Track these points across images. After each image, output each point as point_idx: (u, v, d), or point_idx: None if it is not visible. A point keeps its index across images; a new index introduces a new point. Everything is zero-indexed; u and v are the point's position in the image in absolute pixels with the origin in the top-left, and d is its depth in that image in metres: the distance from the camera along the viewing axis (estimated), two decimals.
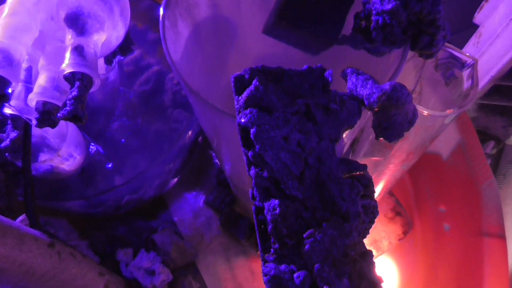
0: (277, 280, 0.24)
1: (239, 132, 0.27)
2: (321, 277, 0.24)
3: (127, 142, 0.66)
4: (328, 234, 0.24)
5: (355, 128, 0.46)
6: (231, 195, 0.73)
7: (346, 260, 0.24)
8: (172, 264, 0.69)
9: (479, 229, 0.63)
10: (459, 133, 0.70)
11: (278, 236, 0.25)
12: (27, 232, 0.46)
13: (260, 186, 0.26)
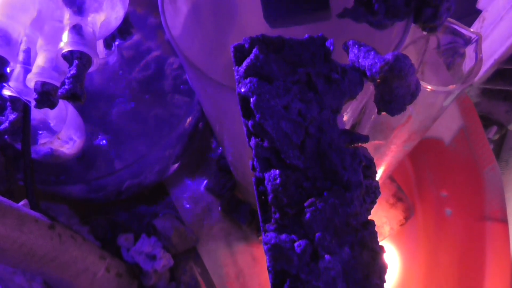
0: (278, 249, 0.23)
1: (239, 102, 0.26)
2: (322, 246, 0.23)
3: (127, 127, 0.66)
4: (329, 202, 0.24)
5: (357, 108, 0.46)
6: (232, 180, 0.73)
7: (348, 229, 0.24)
8: (173, 249, 0.69)
9: (481, 213, 0.63)
10: (461, 117, 0.70)
11: (279, 205, 0.25)
12: (27, 213, 0.46)
13: (261, 157, 0.26)
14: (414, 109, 0.41)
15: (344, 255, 0.23)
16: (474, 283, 0.64)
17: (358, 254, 0.23)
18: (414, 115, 0.42)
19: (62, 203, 0.70)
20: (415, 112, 0.41)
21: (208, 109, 0.44)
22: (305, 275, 0.23)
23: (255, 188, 0.26)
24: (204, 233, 0.73)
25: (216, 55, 0.43)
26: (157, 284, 0.69)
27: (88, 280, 0.55)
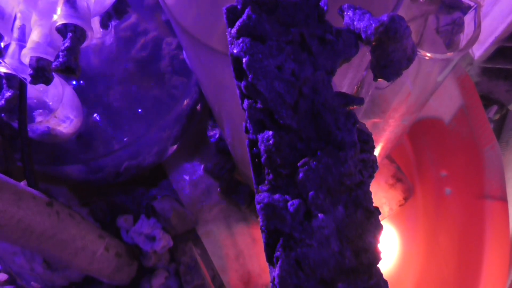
0: (271, 208, 0.23)
1: (231, 63, 0.26)
2: (316, 204, 0.23)
3: (125, 108, 0.66)
4: (322, 162, 0.24)
5: (351, 83, 0.45)
6: (231, 162, 0.73)
7: (342, 188, 0.24)
8: (173, 231, 0.69)
9: (481, 192, 0.63)
10: (461, 97, 0.69)
11: (272, 166, 0.24)
12: (25, 189, 0.46)
13: (254, 118, 0.25)
14: (413, 81, 0.40)
15: (337, 214, 0.23)
16: (473, 261, 0.64)
17: (352, 213, 0.23)
18: (413, 88, 0.41)
19: (61, 185, 0.70)
20: (414, 84, 0.41)
21: (204, 82, 0.44)
22: (299, 234, 0.23)
23: (248, 151, 0.26)
24: (204, 215, 0.73)
25: (210, 23, 0.42)
26: (156, 265, 0.69)
27: (87, 259, 0.55)
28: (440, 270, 0.69)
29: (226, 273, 0.70)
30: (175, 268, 0.70)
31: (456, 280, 0.66)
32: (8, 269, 0.63)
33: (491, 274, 0.63)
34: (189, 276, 0.67)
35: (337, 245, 0.23)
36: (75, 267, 0.55)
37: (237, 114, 0.47)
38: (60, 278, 0.64)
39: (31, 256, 0.62)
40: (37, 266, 0.63)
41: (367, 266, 0.23)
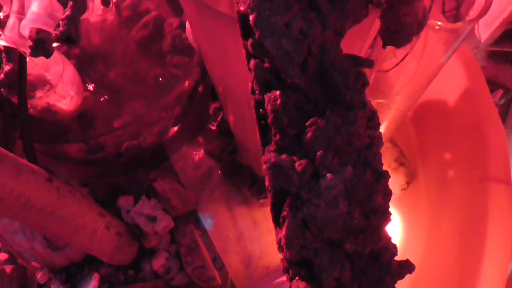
0: (278, 167, 0.23)
1: (238, 20, 0.25)
2: (324, 164, 0.23)
3: (125, 87, 0.65)
4: (331, 121, 0.23)
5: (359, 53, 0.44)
6: (232, 144, 0.72)
7: (350, 149, 0.23)
8: (174, 212, 0.69)
9: (484, 175, 0.62)
10: (467, 79, 0.68)
11: (279, 126, 0.24)
12: (25, 163, 0.46)
13: (260, 78, 0.25)
14: (419, 52, 0.40)
15: (346, 174, 0.22)
16: (475, 246, 0.63)
17: (361, 174, 0.23)
18: (419, 64, 0.41)
19: (61, 165, 0.69)
20: (420, 60, 0.40)
21: (209, 53, 0.43)
22: (306, 194, 0.22)
23: (255, 112, 0.26)
24: (205, 197, 0.73)
25: None
26: (157, 246, 0.69)
27: (87, 237, 0.55)
28: (441, 255, 0.69)
29: (227, 255, 0.70)
30: (176, 250, 0.69)
31: (458, 265, 0.66)
32: (9, 248, 0.63)
33: (493, 259, 0.62)
34: (190, 257, 0.67)
35: (345, 206, 0.22)
36: (75, 245, 0.55)
37: (242, 89, 0.47)
38: (60, 257, 0.64)
39: (31, 235, 0.62)
40: (37, 245, 0.62)
41: (376, 227, 0.22)
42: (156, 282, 0.67)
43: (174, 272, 0.68)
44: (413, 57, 0.45)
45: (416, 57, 0.45)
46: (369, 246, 0.22)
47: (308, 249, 0.22)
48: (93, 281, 0.63)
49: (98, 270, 0.65)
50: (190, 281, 0.69)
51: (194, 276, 0.67)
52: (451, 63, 0.69)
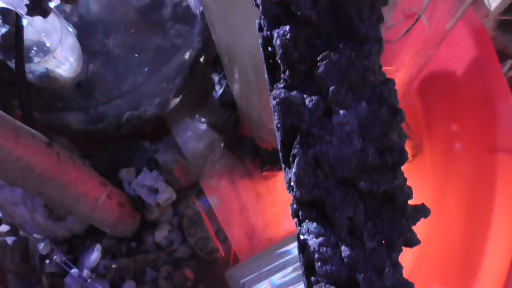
0: (288, 103, 0.21)
1: None
2: (337, 100, 0.21)
3: (125, 55, 0.63)
4: (345, 54, 0.22)
5: None
6: (235, 115, 0.71)
7: (365, 84, 0.22)
8: (176, 184, 0.68)
9: (492, 145, 0.61)
10: (476, 48, 0.66)
11: (289, 62, 0.22)
12: (23, 126, 0.44)
13: (269, 14, 0.23)
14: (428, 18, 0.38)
15: (360, 110, 0.21)
16: (482, 218, 0.62)
17: (376, 109, 0.21)
18: (429, 23, 0.39)
19: (62, 137, 0.68)
20: (430, 20, 0.38)
21: (212, 8, 0.41)
22: (317, 130, 0.21)
23: (262, 50, 0.24)
24: (207, 169, 0.72)
25: None
26: (159, 219, 0.68)
27: (89, 205, 0.54)
28: (446, 230, 0.68)
29: (230, 227, 0.69)
30: (179, 222, 0.69)
31: (464, 238, 0.65)
32: (11, 219, 0.62)
33: (501, 229, 0.61)
34: (192, 229, 0.66)
35: (359, 143, 0.21)
36: (77, 214, 0.54)
37: (247, 48, 0.45)
38: (62, 229, 0.63)
39: (32, 206, 0.61)
40: (39, 216, 0.61)
41: (391, 165, 0.21)
42: (158, 254, 0.67)
43: (177, 244, 0.68)
44: (419, 25, 0.44)
45: (423, 24, 0.43)
46: (384, 185, 0.21)
47: (319, 188, 0.21)
48: (96, 252, 0.62)
49: (100, 242, 0.64)
50: (193, 252, 0.68)
51: (197, 248, 0.66)
52: (459, 32, 0.67)
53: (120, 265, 0.63)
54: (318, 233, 0.21)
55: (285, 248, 0.58)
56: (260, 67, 0.47)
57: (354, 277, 0.20)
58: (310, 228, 0.21)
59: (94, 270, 0.63)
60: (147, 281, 0.66)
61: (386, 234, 0.21)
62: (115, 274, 0.63)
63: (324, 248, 0.21)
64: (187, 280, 0.67)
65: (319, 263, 0.21)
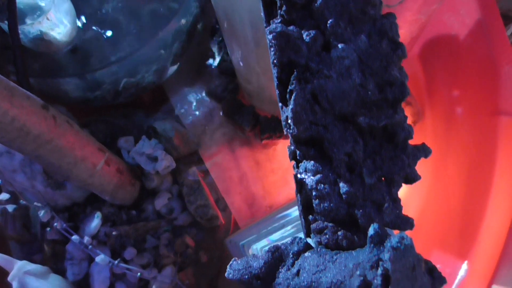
0: (285, 37, 0.21)
1: None
2: (335, 34, 0.21)
3: (120, 20, 0.62)
4: None
5: None
6: (234, 82, 0.70)
7: (365, 17, 0.21)
8: (175, 152, 0.68)
9: (494, 108, 0.60)
10: (479, 11, 0.65)
11: None
12: (17, 87, 0.44)
13: None
14: None
15: (360, 43, 0.20)
16: (482, 181, 0.62)
17: (376, 43, 0.21)
18: None
19: (59, 105, 0.67)
20: None
21: None
22: (316, 64, 0.20)
23: None
24: (206, 138, 0.72)
25: None
26: (159, 187, 0.68)
27: (87, 171, 0.54)
28: (446, 195, 0.68)
29: (230, 196, 0.69)
30: (178, 190, 0.69)
31: (463, 205, 0.65)
32: (11, 187, 0.62)
33: (500, 197, 0.61)
34: (192, 197, 0.67)
35: (358, 77, 0.20)
36: (75, 179, 0.54)
37: (246, 10, 0.44)
38: (62, 197, 0.63)
39: (31, 174, 0.61)
40: (38, 184, 0.61)
41: (392, 101, 0.20)
42: (159, 222, 0.67)
43: (177, 212, 0.68)
44: None
45: None
46: (384, 120, 0.20)
47: (317, 125, 0.20)
48: (96, 219, 0.63)
49: (100, 210, 0.64)
50: (193, 220, 0.68)
51: (197, 215, 0.66)
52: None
53: (120, 232, 0.63)
54: (315, 170, 0.20)
55: (285, 212, 0.58)
56: (259, 29, 0.46)
57: (353, 214, 0.20)
58: (308, 167, 0.21)
59: (95, 238, 0.63)
60: (148, 249, 0.66)
61: (386, 170, 0.20)
62: (116, 241, 0.64)
63: (322, 185, 0.20)
64: (188, 247, 0.68)
65: (316, 201, 0.20)
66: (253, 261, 0.20)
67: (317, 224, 0.20)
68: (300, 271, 0.19)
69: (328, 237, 0.20)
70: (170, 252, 0.66)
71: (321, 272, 0.18)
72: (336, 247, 0.20)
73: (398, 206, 0.20)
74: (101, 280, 0.63)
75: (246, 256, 0.22)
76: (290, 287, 0.18)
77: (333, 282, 0.17)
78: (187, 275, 0.66)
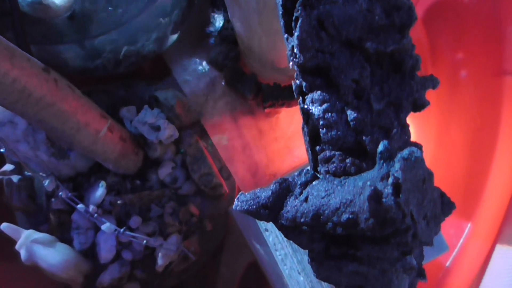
0: None
1: None
2: None
3: None
4: None
5: None
6: (235, 50, 0.69)
7: None
8: (178, 122, 0.67)
9: (499, 68, 0.60)
10: None
11: None
12: (17, 49, 0.43)
13: None
14: None
15: None
16: (486, 143, 0.62)
17: None
18: None
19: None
20: None
21: None
22: None
23: None
24: (209, 108, 0.71)
25: None
26: (163, 157, 0.68)
27: (90, 137, 0.54)
28: (450, 160, 0.68)
29: (233, 164, 0.69)
30: (182, 159, 0.69)
31: (467, 168, 0.65)
32: (15, 158, 0.62)
33: (504, 159, 0.61)
34: (196, 165, 0.67)
35: (365, 1, 0.20)
36: (79, 146, 0.54)
37: None
38: (65, 167, 0.64)
39: (35, 144, 0.61)
40: (41, 154, 0.61)
41: (399, 25, 0.20)
42: (163, 191, 0.67)
43: (181, 181, 0.68)
44: None
45: None
46: (391, 45, 0.20)
47: (324, 53, 0.20)
48: (101, 188, 0.63)
49: (104, 179, 0.65)
50: (197, 189, 0.69)
51: (201, 183, 0.67)
52: None
53: (125, 200, 0.64)
54: (322, 100, 0.20)
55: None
56: None
57: (361, 141, 0.20)
58: (315, 97, 0.21)
59: (99, 206, 0.63)
60: (153, 217, 0.67)
61: (394, 96, 0.20)
62: (120, 210, 0.64)
63: (329, 114, 0.20)
64: (192, 216, 0.68)
65: (324, 130, 0.20)
66: (261, 192, 0.20)
67: (324, 154, 0.20)
68: (308, 198, 0.19)
69: (336, 166, 0.20)
70: (175, 221, 0.67)
71: (330, 195, 0.18)
72: (344, 175, 0.20)
73: (406, 132, 0.20)
74: (107, 249, 0.63)
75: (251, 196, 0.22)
76: (299, 212, 0.19)
77: (342, 202, 0.17)
78: (192, 243, 0.67)
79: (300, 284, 0.37)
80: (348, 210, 0.17)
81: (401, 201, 0.16)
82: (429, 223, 0.19)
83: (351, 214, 0.17)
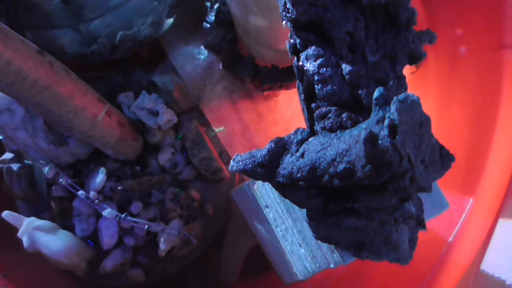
0: None
1: None
2: None
3: None
4: None
5: None
6: (232, 32, 0.69)
7: None
8: (176, 107, 0.67)
9: (499, 42, 0.59)
10: None
11: None
12: (10, 30, 0.43)
13: None
14: None
15: None
16: (487, 119, 0.61)
17: None
18: None
19: None
20: None
21: None
22: None
23: None
24: (207, 92, 0.71)
25: None
26: (162, 142, 0.68)
27: (88, 122, 0.54)
28: (451, 137, 0.67)
29: (233, 148, 0.69)
30: (182, 145, 0.68)
31: (467, 146, 0.65)
32: (15, 146, 0.62)
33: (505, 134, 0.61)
34: (195, 150, 0.66)
35: None
36: (76, 130, 0.54)
37: None
38: (65, 154, 0.63)
39: (33, 131, 0.61)
40: (40, 141, 0.61)
41: None
42: (163, 176, 0.67)
43: (181, 166, 0.68)
44: None
45: None
46: None
47: (317, 6, 0.20)
48: (101, 174, 0.63)
49: (104, 165, 0.65)
50: (197, 174, 0.68)
51: (201, 168, 0.66)
52: None
53: (125, 186, 0.64)
54: (317, 55, 0.20)
55: None
56: None
57: (357, 95, 0.20)
58: (309, 53, 0.20)
59: (100, 193, 0.63)
60: (153, 203, 0.67)
61: (389, 48, 0.20)
62: (121, 196, 0.64)
63: (324, 69, 0.20)
64: (193, 200, 0.68)
65: (319, 85, 0.20)
66: (257, 152, 0.19)
67: (320, 110, 0.20)
68: (304, 153, 0.19)
69: (332, 121, 0.19)
70: (176, 206, 0.66)
71: (326, 149, 0.18)
72: (340, 130, 0.19)
73: (403, 84, 0.20)
74: (109, 235, 0.64)
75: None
76: (295, 168, 0.18)
77: (338, 152, 0.17)
78: (194, 228, 0.67)
79: (302, 257, 0.36)
80: (345, 160, 0.16)
81: (397, 142, 0.16)
82: (427, 168, 0.19)
83: (348, 164, 0.16)
